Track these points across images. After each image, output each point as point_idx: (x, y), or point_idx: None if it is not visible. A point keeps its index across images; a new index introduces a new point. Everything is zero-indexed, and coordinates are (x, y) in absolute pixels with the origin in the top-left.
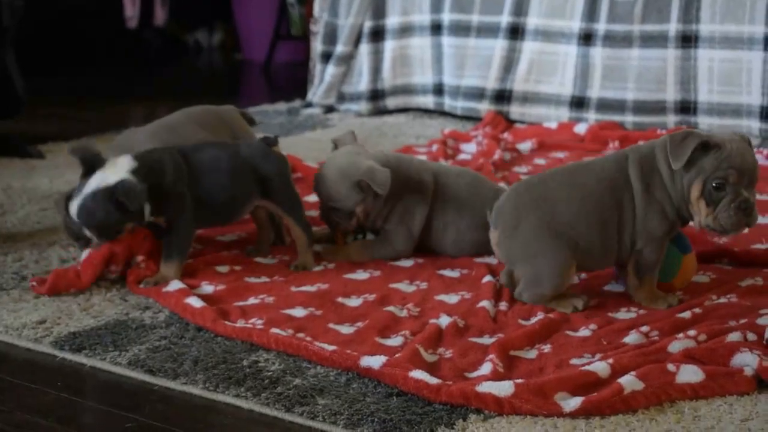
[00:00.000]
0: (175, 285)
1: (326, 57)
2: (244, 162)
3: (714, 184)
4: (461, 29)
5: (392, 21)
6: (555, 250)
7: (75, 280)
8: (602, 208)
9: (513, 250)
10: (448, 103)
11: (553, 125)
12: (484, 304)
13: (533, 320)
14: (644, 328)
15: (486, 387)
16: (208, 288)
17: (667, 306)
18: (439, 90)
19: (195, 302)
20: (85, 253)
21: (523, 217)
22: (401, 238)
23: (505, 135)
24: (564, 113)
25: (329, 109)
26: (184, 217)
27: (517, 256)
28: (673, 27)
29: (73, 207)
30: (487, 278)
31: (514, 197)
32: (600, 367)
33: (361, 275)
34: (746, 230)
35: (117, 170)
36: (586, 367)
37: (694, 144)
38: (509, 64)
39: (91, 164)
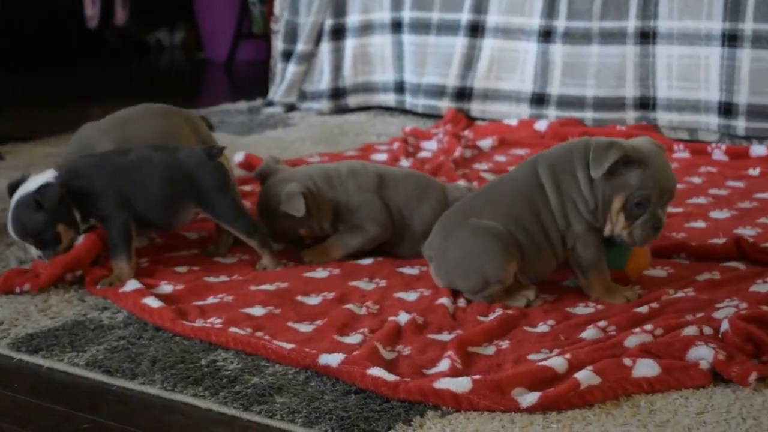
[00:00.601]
0: (132, 285)
1: (287, 55)
2: (179, 168)
3: (636, 201)
4: (421, 27)
5: (353, 19)
6: (487, 247)
7: (32, 279)
8: (522, 217)
9: (449, 271)
10: (409, 100)
11: (514, 122)
12: (443, 300)
13: (492, 317)
14: (601, 323)
15: (444, 383)
16: (166, 288)
17: (625, 300)
18: (400, 88)
19: (152, 302)
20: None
21: (449, 238)
22: (366, 225)
23: (466, 132)
24: (524, 110)
25: (290, 108)
26: (114, 215)
27: (456, 274)
28: (631, 24)
29: (8, 225)
30: None
31: (439, 227)
32: (557, 362)
33: (320, 273)
34: (647, 246)
35: (37, 180)
36: (543, 363)
37: (617, 156)
38: (470, 62)
39: (17, 185)
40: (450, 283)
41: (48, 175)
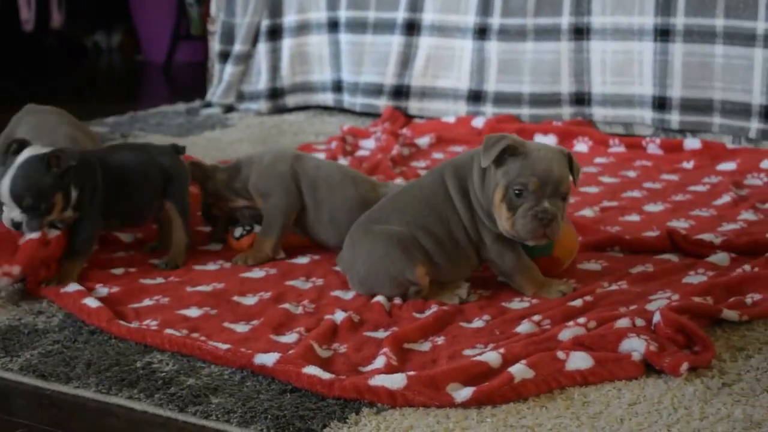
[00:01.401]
0: (74, 287)
1: (224, 56)
2: (155, 162)
3: (515, 190)
4: (358, 26)
5: (289, 19)
6: (389, 252)
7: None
8: (431, 226)
9: (362, 281)
10: (347, 99)
11: (451, 119)
12: (380, 298)
13: (427, 313)
14: (536, 317)
15: (379, 380)
16: (102, 290)
17: (560, 294)
18: (338, 87)
19: (92, 303)
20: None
21: (356, 248)
22: (274, 210)
23: (404, 130)
24: (461, 107)
25: (229, 109)
26: (92, 214)
27: (369, 283)
28: (565, 20)
29: (5, 181)
30: None
31: (348, 239)
32: (491, 356)
33: (257, 273)
34: (544, 242)
35: (47, 147)
36: (478, 358)
37: (503, 145)
38: (406, 60)
39: (19, 147)
40: (368, 291)
41: (48, 148)
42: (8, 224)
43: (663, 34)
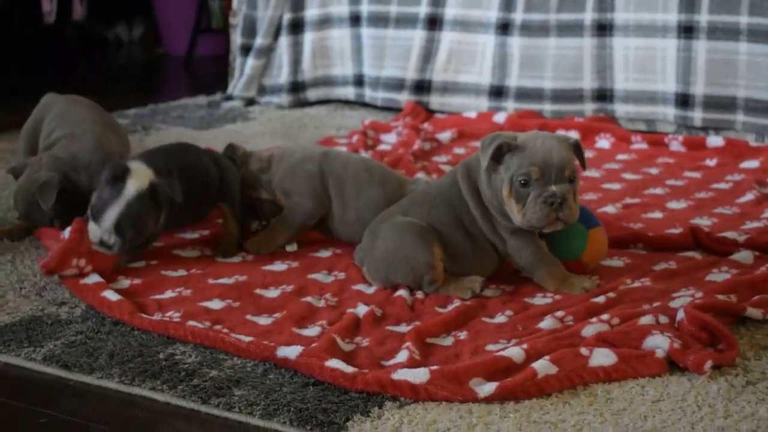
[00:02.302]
0: (93, 278)
1: (246, 50)
2: (215, 164)
3: (519, 182)
4: (380, 20)
5: (311, 13)
6: (405, 236)
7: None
8: (446, 223)
9: (378, 267)
10: (368, 94)
11: (473, 115)
12: (402, 293)
13: (450, 307)
14: (559, 313)
15: (401, 374)
16: (124, 282)
17: (583, 291)
18: (359, 81)
19: (111, 296)
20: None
21: (375, 239)
22: (296, 209)
23: (425, 125)
24: (483, 103)
25: (250, 102)
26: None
27: (384, 269)
28: (588, 16)
29: (111, 214)
30: None
31: (367, 231)
32: (514, 352)
33: (279, 266)
34: (561, 226)
35: (141, 174)
36: (501, 353)
37: (496, 144)
38: (428, 55)
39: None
40: (384, 280)
41: (149, 171)
42: (95, 240)
43: (686, 30)
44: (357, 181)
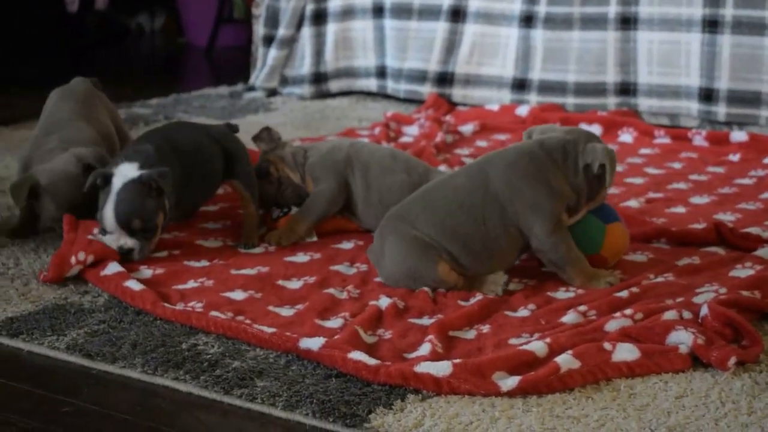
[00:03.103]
0: (114, 268)
1: (268, 40)
2: (216, 142)
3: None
4: (403, 11)
5: (334, 4)
6: (411, 253)
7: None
8: (460, 226)
9: (389, 276)
10: (390, 85)
11: (495, 107)
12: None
13: (472, 301)
14: (582, 308)
15: (424, 367)
16: (146, 272)
17: (607, 285)
18: (381, 73)
19: (134, 285)
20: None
21: (384, 245)
22: (320, 195)
23: (448, 117)
24: (506, 95)
25: (272, 93)
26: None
27: (394, 280)
28: (612, 9)
29: (108, 209)
30: None
31: (378, 232)
32: (537, 346)
33: (301, 258)
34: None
35: (126, 168)
36: (524, 347)
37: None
38: (451, 47)
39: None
40: (397, 286)
41: (134, 165)
42: (117, 250)
43: (711, 25)
44: (382, 167)
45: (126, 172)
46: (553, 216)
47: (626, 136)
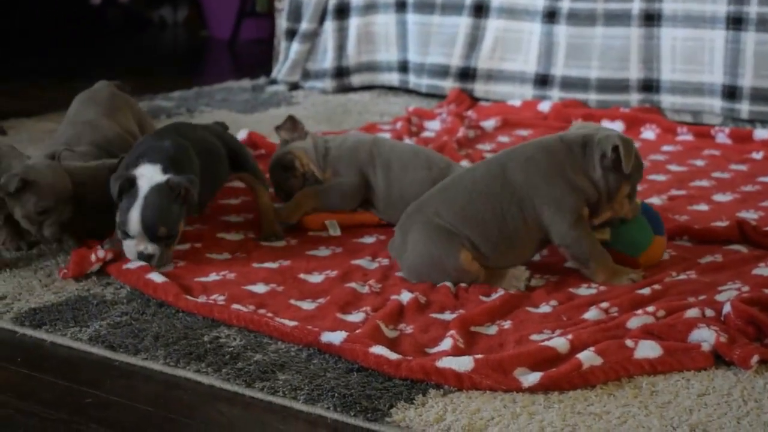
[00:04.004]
0: (136, 263)
1: (291, 34)
2: (218, 138)
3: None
4: (425, 6)
5: None
6: (433, 240)
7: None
8: (479, 217)
9: (411, 269)
10: (412, 80)
11: (517, 103)
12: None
13: (494, 296)
14: (604, 305)
15: (446, 362)
16: (168, 264)
17: (630, 282)
18: (403, 67)
19: (156, 278)
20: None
21: (406, 239)
22: (337, 187)
23: (469, 113)
24: (528, 91)
25: (294, 87)
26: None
27: (416, 272)
28: (636, 5)
29: (134, 213)
30: None
31: (398, 226)
32: (559, 342)
33: (323, 252)
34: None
35: (149, 171)
36: (546, 343)
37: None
38: (474, 42)
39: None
40: (418, 280)
41: (157, 167)
42: (134, 257)
43: (735, 22)
44: (402, 162)
45: (151, 174)
46: (574, 210)
47: (649, 133)
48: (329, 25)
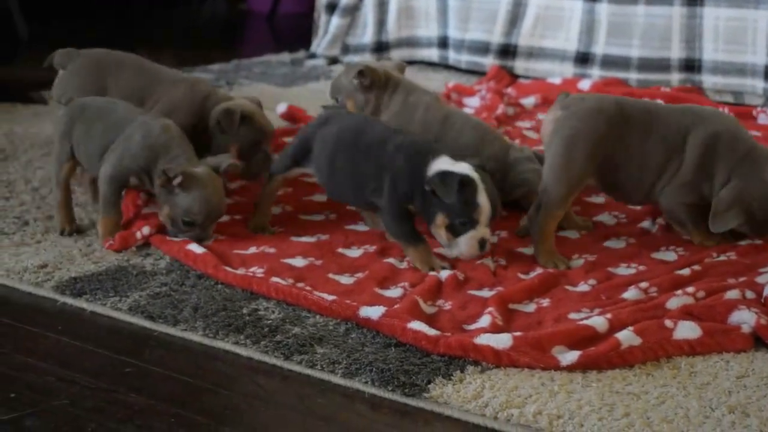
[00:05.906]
0: None
1: (331, 8)
2: None
3: None
4: None
5: None
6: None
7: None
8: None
9: None
10: (452, 56)
11: (557, 81)
12: (484, 259)
13: (532, 275)
14: (643, 284)
15: (484, 339)
16: None
17: (716, 243)
18: (443, 43)
19: (196, 249)
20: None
21: None
22: None
23: (509, 90)
24: (568, 69)
25: (333, 61)
26: None
27: None
28: None
29: (485, 199)
30: None
31: None
32: (598, 321)
33: (361, 227)
34: None
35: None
36: (584, 322)
37: None
38: (515, 19)
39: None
40: None
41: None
42: (475, 250)
43: None
44: (457, 130)
45: (451, 164)
46: None
47: None
48: (369, 0)
